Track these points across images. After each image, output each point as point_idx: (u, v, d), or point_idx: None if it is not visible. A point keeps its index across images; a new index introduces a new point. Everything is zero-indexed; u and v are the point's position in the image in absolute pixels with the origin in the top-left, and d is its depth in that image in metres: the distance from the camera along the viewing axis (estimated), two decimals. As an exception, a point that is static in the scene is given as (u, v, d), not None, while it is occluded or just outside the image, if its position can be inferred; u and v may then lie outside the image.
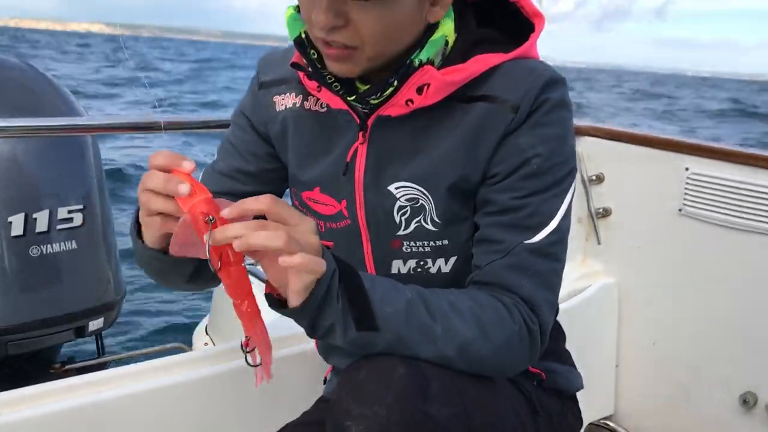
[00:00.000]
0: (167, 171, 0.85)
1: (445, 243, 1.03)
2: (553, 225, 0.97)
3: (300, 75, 1.03)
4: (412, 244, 1.03)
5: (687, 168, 1.90)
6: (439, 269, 1.05)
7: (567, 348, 1.27)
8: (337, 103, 1.00)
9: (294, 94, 1.08)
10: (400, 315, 0.89)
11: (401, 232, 1.03)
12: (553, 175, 0.97)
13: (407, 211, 1.01)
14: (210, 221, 0.81)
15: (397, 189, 1.01)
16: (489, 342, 0.92)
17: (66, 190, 2.02)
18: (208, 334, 2.64)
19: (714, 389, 1.90)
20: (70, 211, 1.98)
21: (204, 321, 2.73)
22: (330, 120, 1.05)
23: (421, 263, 1.04)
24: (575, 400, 1.22)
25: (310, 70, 0.99)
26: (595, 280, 2.12)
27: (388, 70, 0.95)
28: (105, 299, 2.08)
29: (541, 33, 1.02)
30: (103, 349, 2.35)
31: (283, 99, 1.09)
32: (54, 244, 1.94)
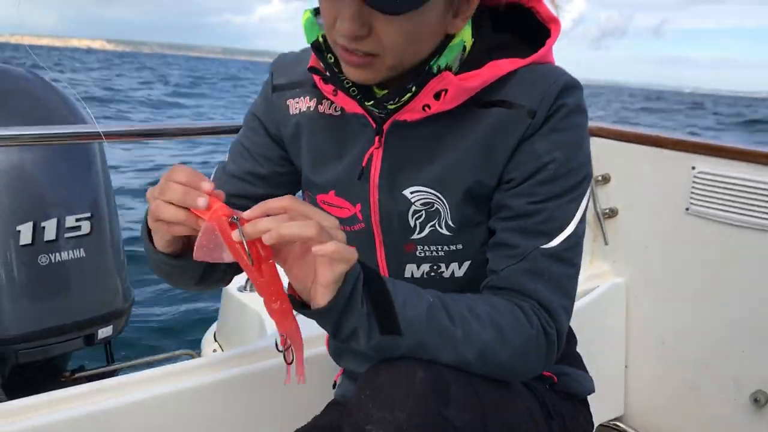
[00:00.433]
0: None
1: (459, 247, 1.03)
2: (569, 230, 0.97)
3: (315, 78, 1.03)
4: (425, 248, 1.03)
5: (693, 167, 1.90)
6: (453, 273, 1.05)
7: (577, 350, 1.27)
8: (353, 107, 1.01)
9: (308, 97, 1.08)
10: (422, 319, 0.89)
11: (415, 236, 1.03)
12: (569, 181, 0.97)
13: (422, 215, 1.02)
14: (235, 220, 0.81)
15: (413, 193, 1.01)
16: (508, 346, 0.92)
17: (73, 198, 2.03)
18: (216, 340, 2.64)
19: (724, 388, 1.89)
20: (78, 219, 1.99)
21: (212, 327, 2.73)
22: (344, 123, 1.05)
23: (435, 267, 1.05)
24: (586, 403, 1.22)
25: (327, 74, 0.99)
26: (603, 280, 2.12)
27: (405, 75, 0.96)
28: (114, 307, 2.09)
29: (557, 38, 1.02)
30: (113, 357, 2.35)
31: (297, 102, 1.09)
32: (62, 252, 1.95)
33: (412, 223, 1.02)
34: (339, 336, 0.89)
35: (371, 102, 0.97)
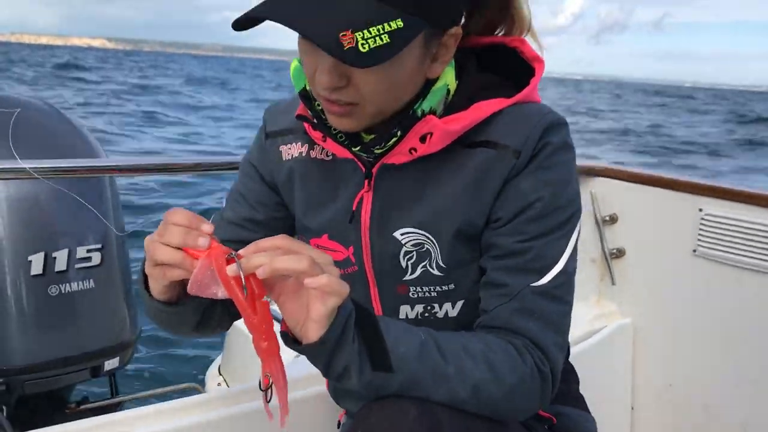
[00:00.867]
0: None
1: (452, 287, 1.04)
2: (559, 267, 0.98)
3: (305, 125, 1.05)
4: (418, 289, 1.04)
5: (701, 209, 1.91)
6: (447, 314, 1.06)
7: (581, 391, 1.26)
8: (343, 152, 1.03)
9: (300, 143, 1.11)
10: (413, 355, 0.89)
11: (408, 277, 1.04)
12: (557, 218, 0.98)
13: (413, 256, 1.03)
14: (231, 256, 0.83)
15: (403, 235, 1.02)
16: (501, 384, 0.92)
17: (85, 229, 2.05)
18: (221, 374, 2.64)
19: (732, 433, 1.87)
20: (88, 251, 2.00)
21: (217, 361, 2.73)
22: (335, 168, 1.07)
23: (429, 308, 1.05)
24: None
25: (315, 121, 1.01)
26: (610, 320, 2.11)
27: (391, 120, 0.97)
28: (121, 338, 2.09)
29: (542, 76, 1.04)
30: (117, 389, 2.35)
31: (290, 148, 1.12)
32: (72, 283, 1.96)
33: (404, 265, 1.03)
34: (331, 373, 0.89)
35: (358, 147, 0.99)
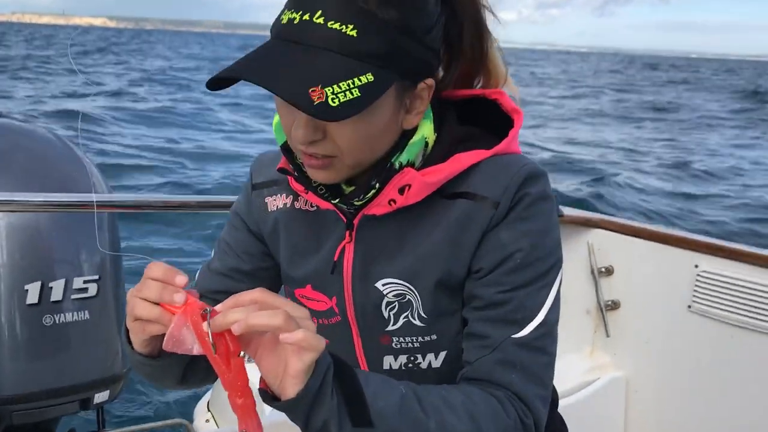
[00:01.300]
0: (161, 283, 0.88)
1: (434, 338, 1.04)
2: (540, 318, 0.98)
3: (288, 178, 1.07)
4: (401, 339, 1.04)
5: (697, 265, 1.93)
6: (430, 364, 1.06)
7: None
8: (325, 204, 1.04)
9: (284, 194, 1.13)
10: (393, 410, 0.89)
11: (390, 327, 1.04)
12: (537, 269, 0.99)
13: (395, 307, 1.03)
14: (207, 312, 0.84)
15: (385, 285, 1.03)
16: None
17: (83, 259, 2.04)
18: (209, 410, 2.61)
19: (724, 492, 1.87)
20: (85, 281, 1.99)
21: (206, 396, 2.70)
22: (319, 219, 1.08)
23: (412, 358, 1.06)
24: None
25: (296, 174, 1.03)
26: (604, 373, 2.12)
27: (369, 172, 0.99)
28: (112, 371, 2.06)
29: (520, 128, 1.05)
30: (104, 423, 2.31)
31: (275, 200, 1.13)
32: (67, 313, 1.94)
33: (386, 315, 1.04)
34: (310, 429, 0.88)
35: (338, 199, 1.00)
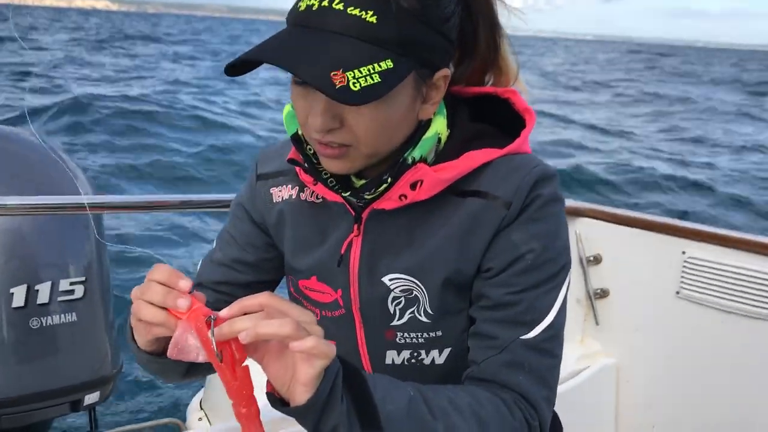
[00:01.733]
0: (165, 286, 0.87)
1: (439, 334, 1.03)
2: (548, 321, 0.98)
3: (297, 169, 1.06)
4: (405, 335, 1.04)
5: (684, 251, 1.93)
6: (433, 361, 1.05)
7: (564, 430, 1.26)
8: (333, 196, 1.03)
9: (291, 185, 1.11)
10: (402, 413, 0.89)
11: (395, 322, 1.04)
12: (547, 271, 0.99)
13: (401, 302, 1.03)
14: (211, 319, 0.82)
15: (391, 280, 1.02)
16: None
17: (68, 261, 2.02)
18: (202, 408, 2.60)
19: (715, 476, 1.88)
20: (72, 283, 1.98)
21: (199, 395, 2.69)
22: (325, 211, 1.07)
23: (415, 354, 1.05)
24: None
25: (306, 165, 1.02)
26: (594, 360, 2.12)
27: (382, 165, 0.98)
28: (102, 373, 2.06)
29: (533, 128, 1.05)
30: (96, 424, 2.30)
31: (280, 191, 1.12)
32: (54, 316, 1.93)
33: (391, 310, 1.03)
34: None
35: (348, 192, 0.99)
